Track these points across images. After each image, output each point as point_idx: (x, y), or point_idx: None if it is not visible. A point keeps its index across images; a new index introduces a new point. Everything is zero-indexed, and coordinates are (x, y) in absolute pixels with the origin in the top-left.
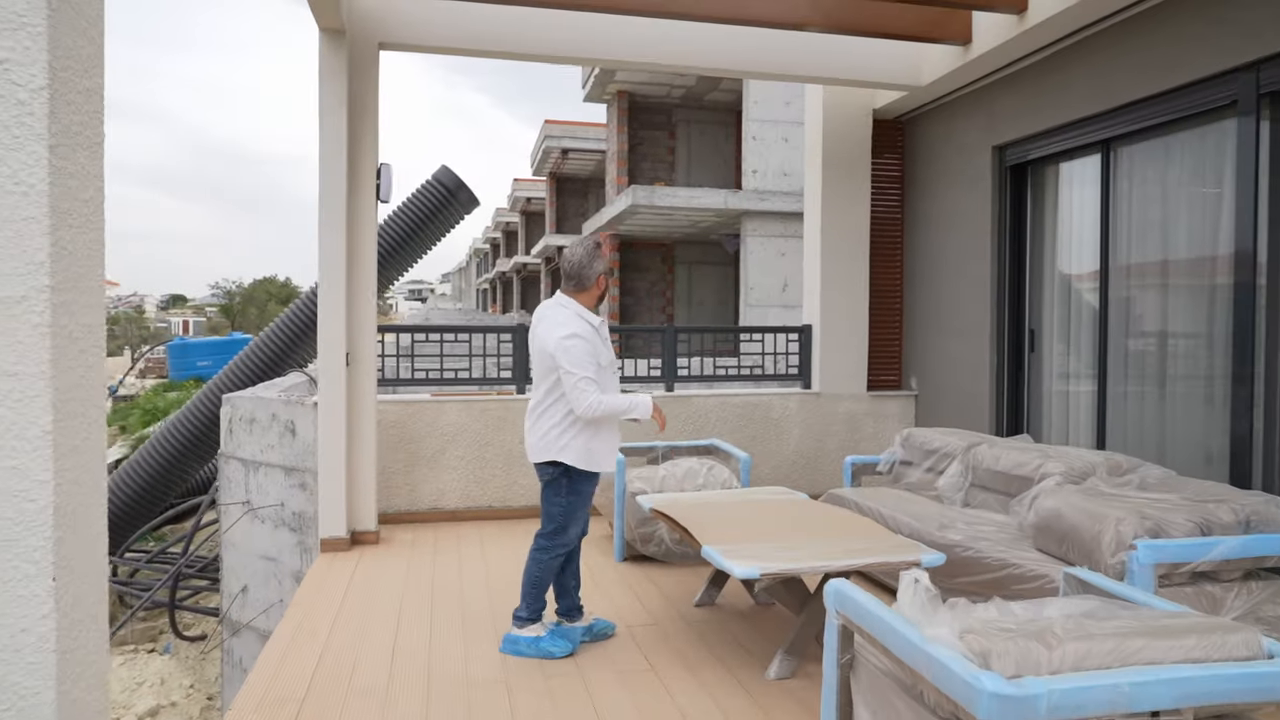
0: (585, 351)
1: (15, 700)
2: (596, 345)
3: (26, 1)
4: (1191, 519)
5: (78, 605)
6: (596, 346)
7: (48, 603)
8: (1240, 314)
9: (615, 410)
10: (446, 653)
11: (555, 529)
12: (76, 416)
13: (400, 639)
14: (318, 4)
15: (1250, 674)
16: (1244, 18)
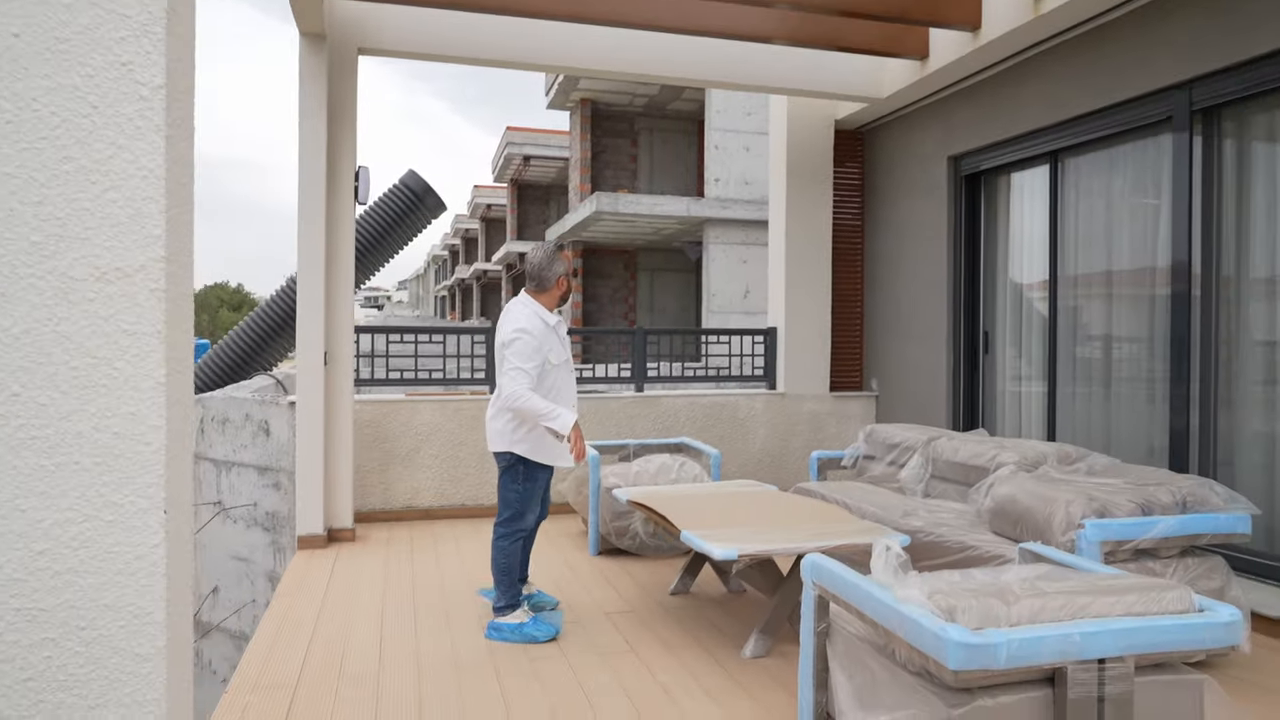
0: (530, 346)
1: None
2: (548, 341)
3: (149, 13)
4: (1134, 500)
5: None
6: (547, 343)
7: (159, 533)
8: (1177, 321)
9: (536, 410)
10: (433, 641)
11: (512, 515)
12: (180, 371)
13: (386, 628)
14: (300, 9)
15: (1184, 625)
16: (1178, 40)
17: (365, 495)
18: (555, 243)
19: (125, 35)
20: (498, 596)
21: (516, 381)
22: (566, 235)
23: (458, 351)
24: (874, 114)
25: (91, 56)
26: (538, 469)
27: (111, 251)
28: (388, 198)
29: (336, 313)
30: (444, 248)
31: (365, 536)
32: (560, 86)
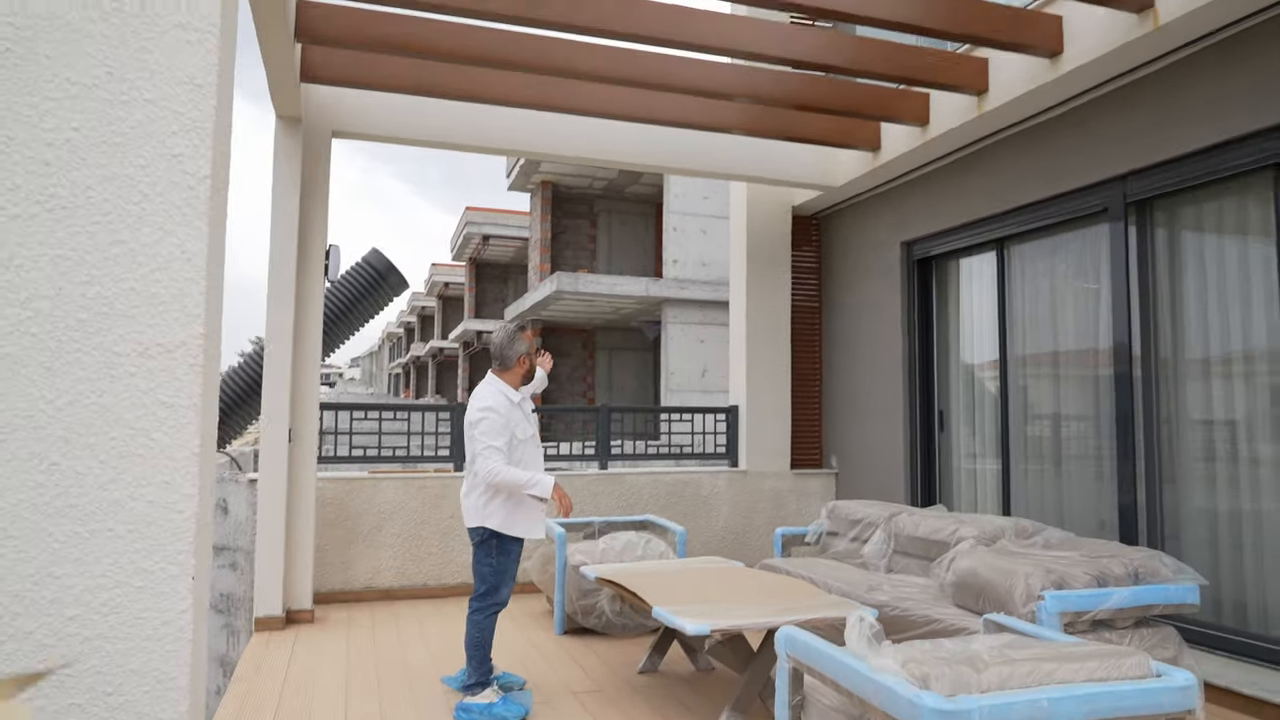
0: (497, 424)
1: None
2: (513, 418)
3: (199, 110)
4: (1089, 572)
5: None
6: (513, 419)
7: (187, 599)
8: (1121, 400)
9: (515, 481)
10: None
11: (487, 589)
12: (210, 443)
13: (351, 713)
14: (278, 93)
15: (1144, 689)
16: (1113, 135)
17: (325, 575)
18: (518, 323)
19: (176, 130)
20: (469, 674)
21: (490, 459)
22: (526, 314)
23: (422, 428)
24: (829, 201)
25: (145, 149)
26: (510, 542)
27: (154, 329)
28: (351, 275)
29: (302, 389)
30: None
31: (325, 618)
32: (522, 169)
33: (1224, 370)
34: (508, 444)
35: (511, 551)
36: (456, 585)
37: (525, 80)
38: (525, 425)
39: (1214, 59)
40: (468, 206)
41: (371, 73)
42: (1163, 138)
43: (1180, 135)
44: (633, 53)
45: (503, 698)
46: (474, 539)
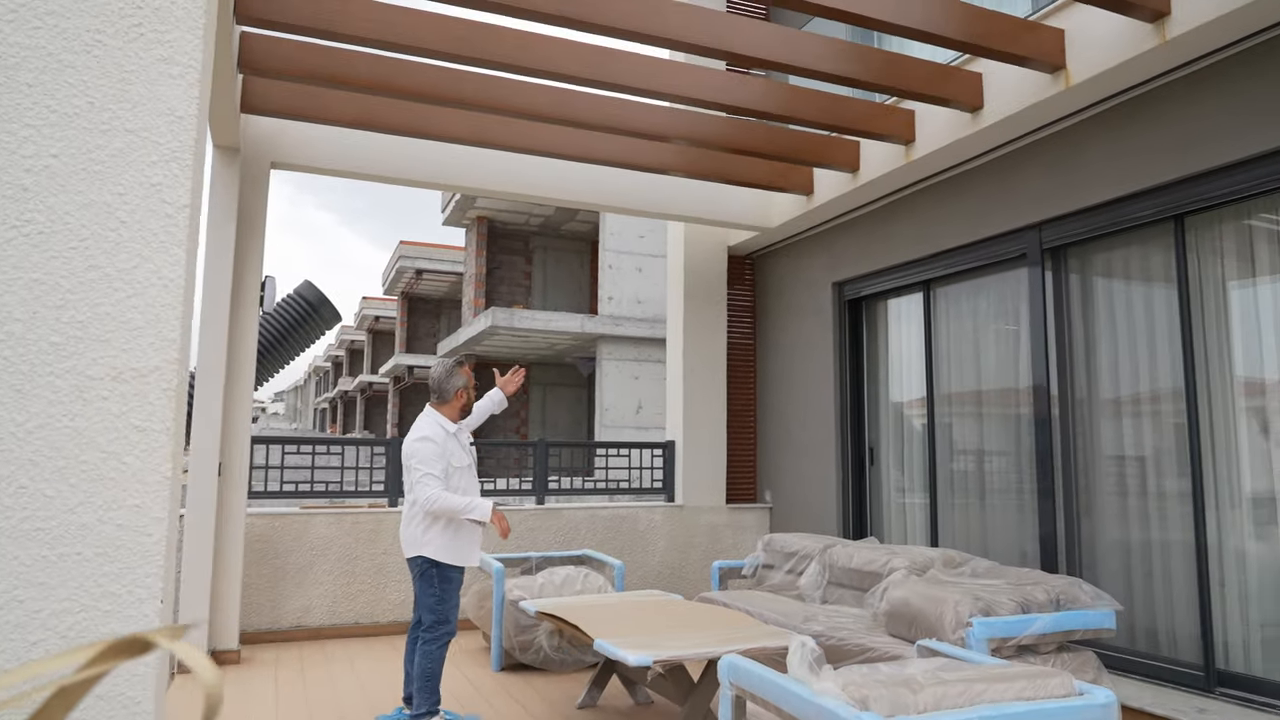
0: (433, 452)
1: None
2: (449, 448)
3: (179, 141)
4: (1014, 599)
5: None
6: (449, 449)
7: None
8: (1040, 437)
9: (453, 507)
10: None
11: (435, 620)
12: (179, 467)
13: None
14: (217, 123)
15: (1068, 708)
16: (1030, 186)
17: (252, 614)
18: (457, 358)
19: (156, 160)
20: (418, 702)
21: (428, 486)
22: (460, 348)
23: (356, 463)
24: (764, 242)
25: (124, 177)
26: (450, 569)
27: (128, 353)
28: (283, 307)
29: (234, 422)
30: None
31: (251, 658)
32: (457, 204)
33: (1133, 409)
34: (444, 472)
35: (453, 579)
36: (390, 623)
37: (465, 116)
38: (461, 455)
39: (1119, 117)
40: (402, 240)
41: (312, 105)
42: (1072, 189)
43: (1088, 187)
44: (573, 93)
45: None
46: (414, 570)
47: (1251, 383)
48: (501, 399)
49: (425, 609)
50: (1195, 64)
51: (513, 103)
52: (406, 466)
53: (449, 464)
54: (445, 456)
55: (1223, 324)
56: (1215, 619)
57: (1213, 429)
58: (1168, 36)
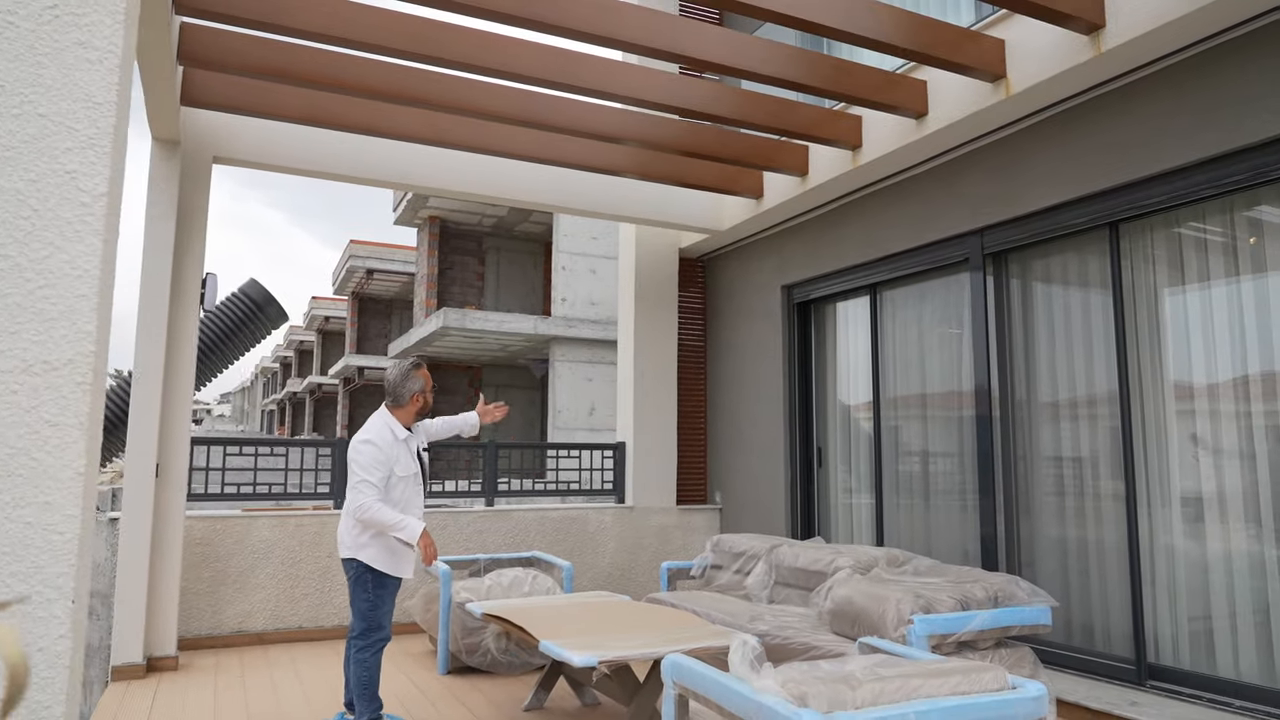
0: (374, 458)
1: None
2: (395, 454)
3: (96, 128)
4: (954, 596)
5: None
6: (395, 455)
7: (65, 623)
8: (981, 439)
9: (383, 521)
10: None
11: (367, 626)
12: (93, 463)
13: None
14: (156, 115)
15: (1001, 700)
16: (973, 193)
17: (191, 619)
18: (414, 360)
19: (71, 146)
20: (360, 710)
21: (362, 494)
22: (412, 349)
23: (300, 465)
24: (715, 244)
25: (36, 164)
26: (385, 577)
27: (40, 345)
28: (227, 306)
29: (172, 423)
30: (275, 360)
31: (190, 665)
32: (409, 203)
33: (1070, 412)
34: (384, 480)
35: (388, 586)
36: (334, 627)
37: (417, 115)
38: (408, 462)
39: (1057, 126)
40: (352, 240)
41: (257, 99)
42: (1013, 196)
43: (1028, 194)
44: (526, 93)
45: None
46: (349, 572)
47: (1182, 386)
48: (475, 424)
49: (358, 614)
50: (1128, 76)
51: (467, 102)
52: (349, 467)
53: (392, 472)
54: (388, 463)
55: (1154, 329)
56: (1147, 615)
57: (1145, 431)
58: (1102, 49)
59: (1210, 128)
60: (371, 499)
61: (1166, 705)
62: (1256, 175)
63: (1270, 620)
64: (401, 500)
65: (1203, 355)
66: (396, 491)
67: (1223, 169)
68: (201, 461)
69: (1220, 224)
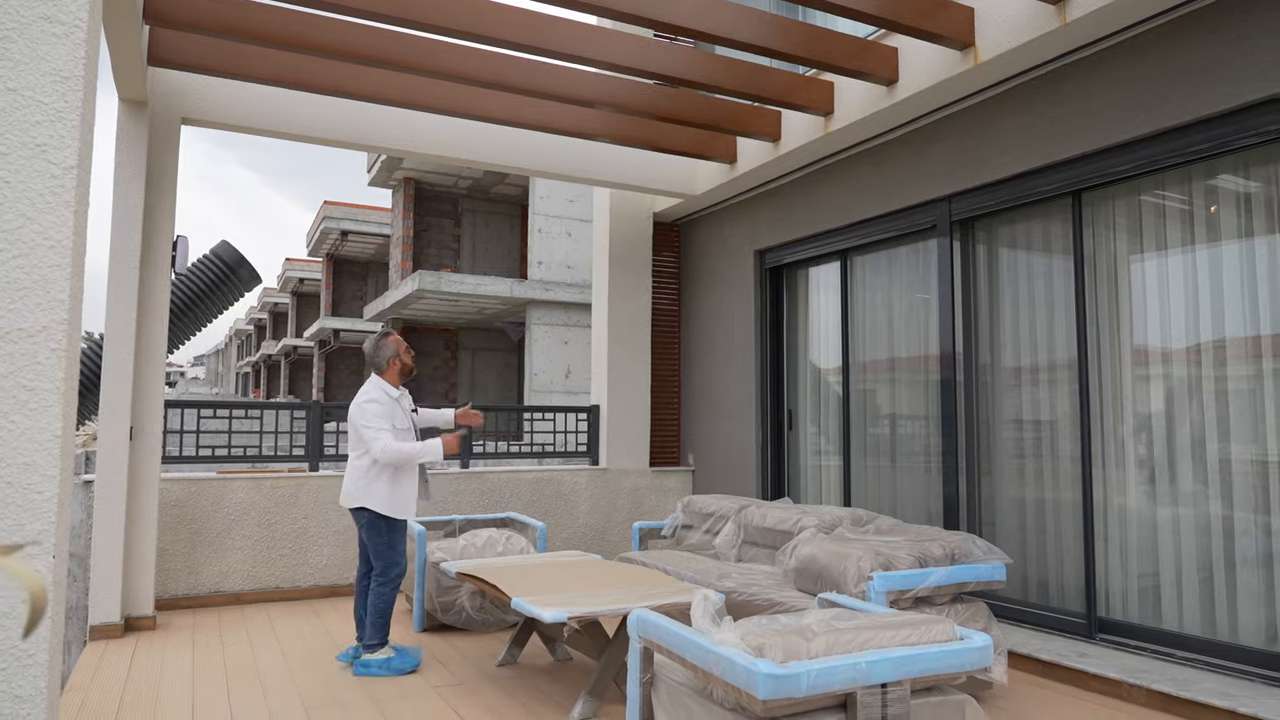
0: (378, 412)
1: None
2: (393, 410)
3: (65, 101)
4: (912, 554)
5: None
6: (392, 411)
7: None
8: (946, 402)
9: (409, 454)
10: None
11: (385, 565)
12: (70, 426)
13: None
14: (122, 75)
15: (948, 651)
16: (942, 159)
17: (169, 580)
18: (383, 329)
19: (40, 120)
20: (370, 634)
21: (381, 439)
22: (387, 312)
23: (275, 427)
24: (689, 209)
25: (6, 137)
26: (393, 520)
27: (15, 313)
28: (199, 268)
29: (146, 385)
30: (249, 322)
31: (167, 624)
32: (384, 164)
33: (1032, 376)
34: (390, 429)
35: (397, 526)
36: (310, 587)
37: (391, 77)
38: (404, 418)
39: (1024, 95)
40: (326, 201)
41: (227, 60)
42: (980, 163)
43: (995, 162)
44: (501, 56)
45: (398, 652)
46: (360, 521)
47: (1138, 352)
48: (449, 421)
49: (376, 555)
50: (1093, 47)
51: (440, 64)
52: (353, 427)
53: (393, 425)
54: (389, 416)
55: (1114, 296)
56: (1098, 571)
57: (1102, 395)
58: (1068, 19)
59: (1171, 99)
60: (390, 440)
61: (1113, 656)
62: (1216, 146)
63: (1213, 576)
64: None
65: (1159, 322)
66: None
67: (1183, 139)
68: (176, 424)
69: (1180, 193)
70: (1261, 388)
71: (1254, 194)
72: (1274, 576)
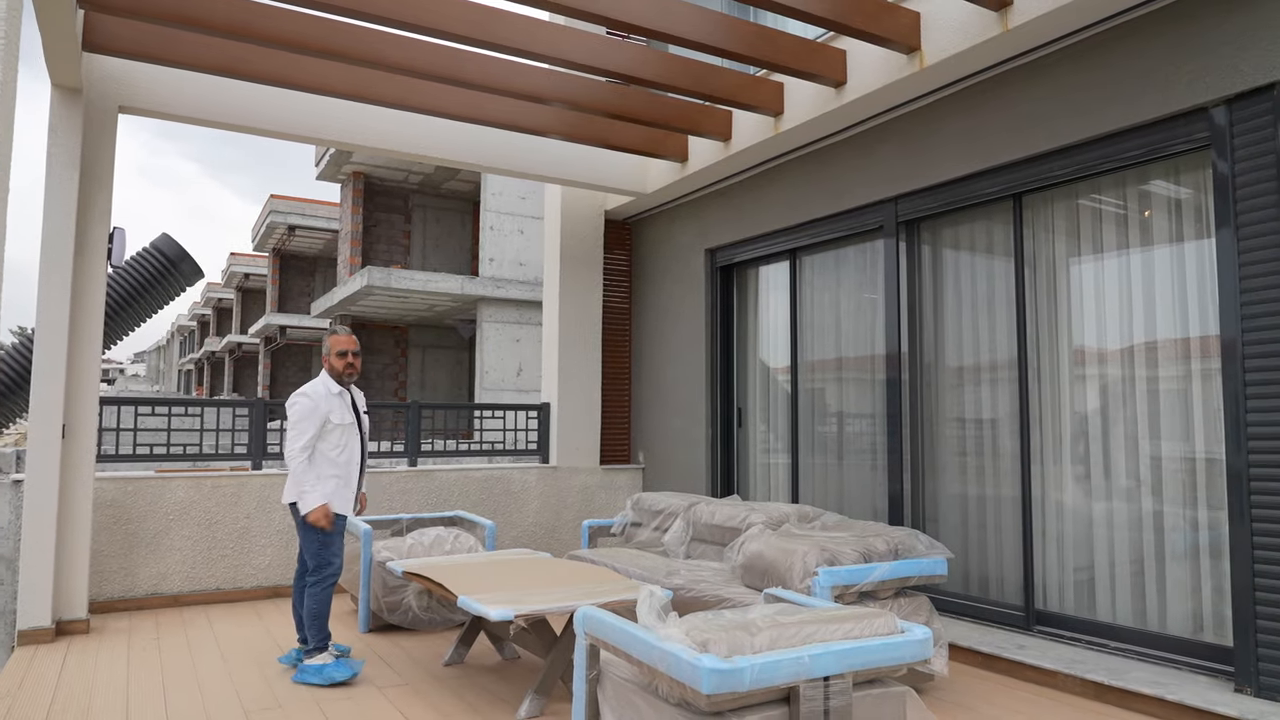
0: (305, 409)
1: None
2: (328, 405)
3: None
4: (857, 549)
5: None
6: (327, 406)
7: None
8: (891, 401)
9: (298, 479)
10: None
11: (318, 564)
12: None
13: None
14: (55, 61)
15: (889, 644)
16: (889, 161)
17: (103, 582)
18: (332, 325)
19: None
20: (310, 639)
21: (291, 442)
22: (335, 309)
23: (216, 425)
24: (640, 207)
25: None
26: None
27: None
28: (137, 262)
29: (80, 382)
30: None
31: (102, 628)
32: (332, 158)
33: (974, 375)
34: (315, 427)
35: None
36: (253, 588)
37: (339, 68)
38: (343, 412)
39: (968, 99)
40: (273, 194)
41: (167, 47)
42: (926, 165)
43: (940, 164)
44: (451, 50)
45: (337, 660)
46: (295, 517)
47: (1076, 352)
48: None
49: (309, 554)
50: (1033, 53)
51: (386, 57)
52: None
53: (327, 420)
54: (321, 413)
55: (1052, 297)
56: (1036, 565)
57: (1041, 394)
58: (1009, 26)
59: (1107, 106)
60: (297, 446)
61: (1050, 647)
62: (1149, 152)
63: (1144, 569)
64: (340, 444)
65: (1095, 323)
66: (334, 436)
67: (1118, 145)
68: (112, 422)
69: (1116, 198)
70: (1190, 388)
71: (1184, 200)
72: (1201, 569)
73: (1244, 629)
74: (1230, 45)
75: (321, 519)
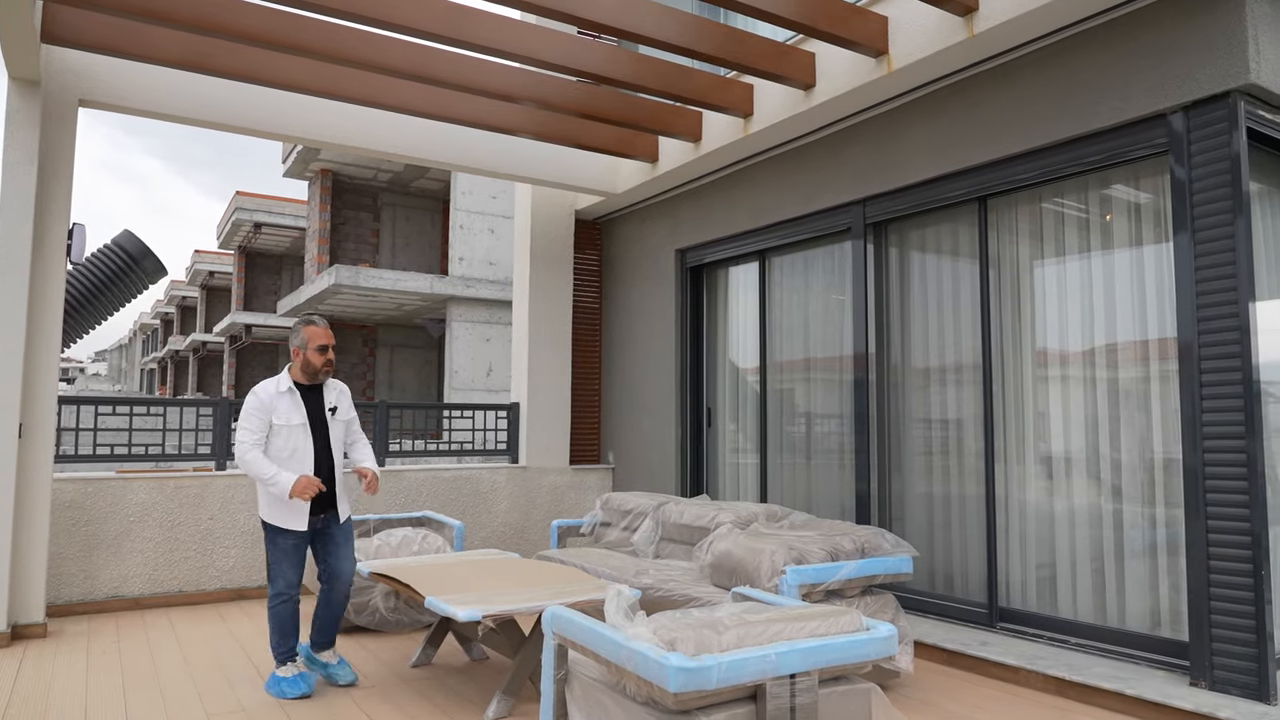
0: (252, 407)
1: None
2: (277, 405)
3: None
4: (824, 548)
5: None
6: (275, 406)
7: None
8: (859, 401)
9: (257, 472)
10: None
11: (270, 579)
12: None
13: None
14: (12, 52)
15: (854, 641)
16: (853, 166)
17: (62, 585)
18: (304, 316)
19: None
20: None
21: (239, 443)
22: (302, 307)
23: (180, 425)
24: (611, 207)
25: None
26: (275, 532)
27: None
28: (98, 259)
29: (38, 380)
30: (155, 316)
31: (60, 632)
32: (300, 155)
33: (940, 376)
34: (262, 428)
35: (278, 543)
36: (216, 590)
37: (306, 64)
38: (289, 413)
39: (934, 103)
40: (238, 191)
41: (130, 40)
42: (893, 168)
43: (907, 167)
44: (421, 47)
45: (294, 676)
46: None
47: (1039, 354)
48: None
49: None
50: (999, 59)
51: (354, 53)
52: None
53: (272, 421)
54: (266, 413)
55: (1016, 299)
56: (1000, 563)
57: (1005, 395)
58: (975, 31)
59: (1070, 111)
60: (247, 447)
61: (1013, 644)
62: (1109, 157)
63: (1104, 566)
64: (287, 448)
65: (1058, 325)
66: (280, 439)
67: (1080, 150)
68: (71, 421)
69: (1078, 201)
70: (1149, 389)
71: (1144, 204)
72: (1159, 566)
73: (1199, 624)
74: (1188, 54)
75: (309, 488)
